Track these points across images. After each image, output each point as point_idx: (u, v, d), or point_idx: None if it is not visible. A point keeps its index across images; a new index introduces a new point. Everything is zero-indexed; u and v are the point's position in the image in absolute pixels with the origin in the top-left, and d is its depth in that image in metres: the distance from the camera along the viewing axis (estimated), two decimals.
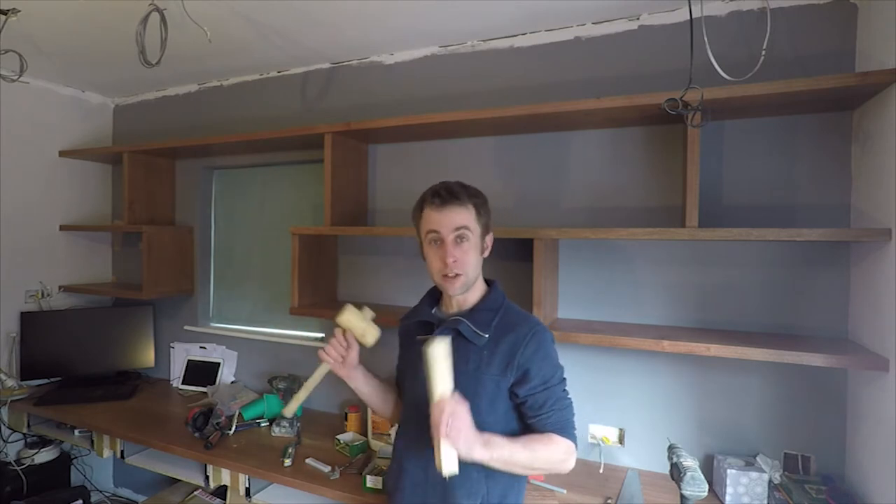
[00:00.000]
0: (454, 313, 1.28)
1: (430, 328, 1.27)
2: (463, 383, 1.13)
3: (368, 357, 1.35)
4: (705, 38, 1.19)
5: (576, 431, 1.23)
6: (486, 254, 1.28)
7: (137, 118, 2.95)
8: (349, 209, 2.14)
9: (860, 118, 1.52)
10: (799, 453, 1.61)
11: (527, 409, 1.20)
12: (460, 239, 1.20)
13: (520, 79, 1.99)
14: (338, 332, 1.27)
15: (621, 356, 1.82)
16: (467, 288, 1.25)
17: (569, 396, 1.25)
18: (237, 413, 2.14)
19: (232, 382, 2.57)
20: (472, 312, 1.25)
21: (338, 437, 1.98)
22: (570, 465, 1.19)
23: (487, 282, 1.34)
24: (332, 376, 1.31)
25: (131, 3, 1.73)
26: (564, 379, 1.26)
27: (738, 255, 1.67)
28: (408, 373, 1.34)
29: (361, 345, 1.29)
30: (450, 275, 1.20)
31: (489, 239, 1.29)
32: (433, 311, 1.34)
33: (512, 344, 1.20)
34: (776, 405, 1.64)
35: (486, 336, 1.21)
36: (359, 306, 1.30)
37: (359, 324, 1.27)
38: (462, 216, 1.20)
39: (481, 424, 1.10)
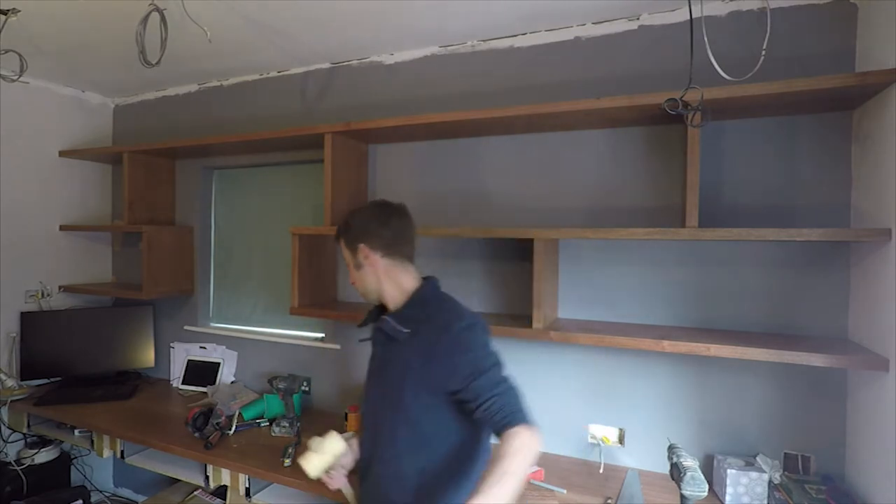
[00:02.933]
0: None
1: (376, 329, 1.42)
2: (397, 376, 1.28)
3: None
4: (705, 38, 1.19)
5: (525, 412, 1.15)
6: (369, 263, 1.35)
7: (137, 118, 2.95)
8: (349, 209, 2.13)
9: (860, 118, 1.52)
10: (799, 453, 1.61)
11: (466, 403, 1.18)
12: (348, 265, 1.41)
13: (520, 79, 1.99)
14: (324, 477, 1.41)
15: (621, 356, 1.82)
16: (375, 297, 1.39)
17: (508, 379, 1.19)
18: (237, 413, 2.14)
19: (232, 382, 2.57)
20: (397, 311, 1.35)
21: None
22: (538, 447, 1.11)
23: (426, 278, 1.39)
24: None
25: (131, 3, 1.73)
26: (499, 363, 1.21)
27: (738, 255, 1.67)
28: (368, 368, 1.46)
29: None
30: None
31: (360, 254, 1.35)
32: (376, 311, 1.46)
33: (430, 341, 1.24)
34: (776, 405, 1.64)
35: (407, 331, 1.28)
36: (320, 436, 1.39)
37: (326, 461, 1.37)
38: (343, 250, 1.41)
39: (414, 418, 1.24)
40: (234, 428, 2.08)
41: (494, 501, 1.00)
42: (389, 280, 1.35)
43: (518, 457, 1.06)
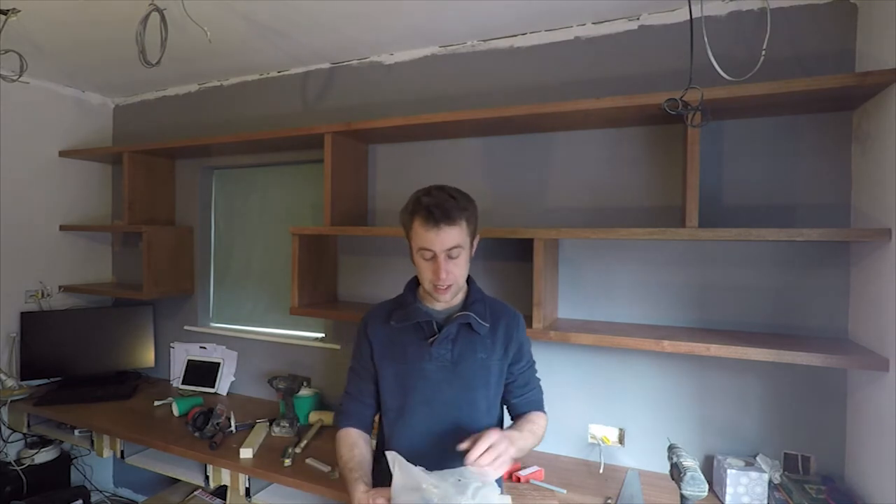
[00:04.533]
0: (447, 309, 1.34)
1: (431, 327, 1.31)
2: (474, 371, 1.29)
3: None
4: (705, 38, 1.19)
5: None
6: (473, 254, 1.31)
7: (137, 118, 2.95)
8: (349, 209, 2.14)
9: (860, 118, 1.52)
10: (799, 453, 1.61)
11: (514, 388, 1.37)
12: (452, 255, 1.22)
13: (520, 79, 1.99)
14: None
15: (621, 356, 1.82)
16: (456, 294, 1.31)
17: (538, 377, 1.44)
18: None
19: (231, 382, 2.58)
20: (468, 306, 1.32)
21: None
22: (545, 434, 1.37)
23: None
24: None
25: (131, 3, 1.73)
26: (535, 361, 1.44)
27: (737, 255, 1.67)
28: (411, 375, 1.31)
29: None
30: (441, 287, 1.24)
31: (476, 241, 1.32)
32: (419, 307, 1.34)
33: (506, 328, 1.34)
34: (776, 405, 1.64)
35: (488, 325, 1.31)
36: None
37: None
38: (454, 236, 1.20)
39: (490, 405, 1.32)
40: (234, 428, 2.08)
41: (521, 444, 1.22)
42: None
43: (541, 431, 1.33)
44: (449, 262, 1.22)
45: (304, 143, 2.25)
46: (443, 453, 1.23)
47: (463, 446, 1.12)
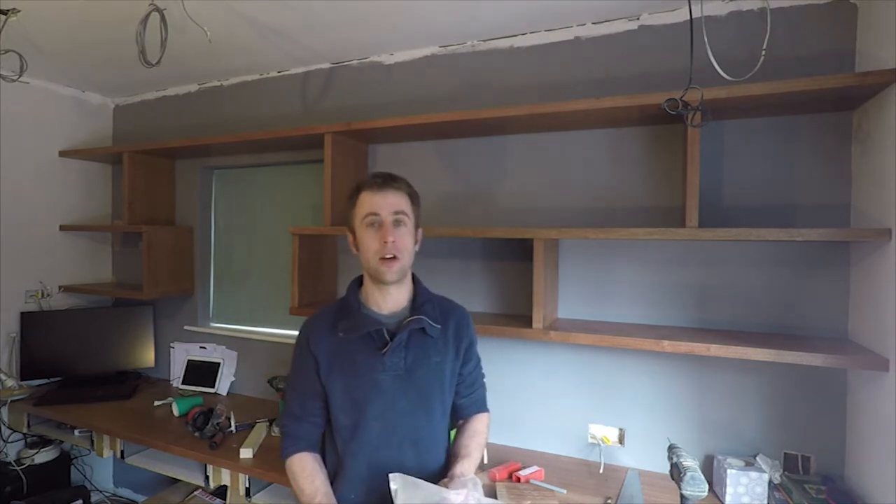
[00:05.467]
0: (395, 312, 1.29)
1: (382, 335, 1.24)
2: (430, 377, 1.27)
3: None
4: (705, 38, 1.19)
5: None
6: (418, 247, 1.30)
7: (137, 118, 2.95)
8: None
9: (860, 118, 1.52)
10: (799, 453, 1.61)
11: (462, 388, 1.37)
12: (398, 223, 1.22)
13: (520, 79, 1.99)
14: None
15: (621, 356, 1.82)
16: (403, 274, 1.26)
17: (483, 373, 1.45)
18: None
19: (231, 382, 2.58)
20: (418, 308, 1.28)
21: None
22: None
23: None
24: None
25: (131, 3, 1.73)
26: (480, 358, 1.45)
27: (738, 255, 1.67)
28: (362, 388, 1.24)
29: None
30: (387, 256, 1.20)
31: (420, 233, 1.31)
32: (366, 314, 1.28)
33: (456, 327, 1.33)
34: (776, 405, 1.64)
35: (439, 326, 1.29)
36: None
37: None
38: (400, 200, 1.23)
39: (444, 410, 1.32)
40: (234, 427, 2.08)
41: (475, 464, 1.28)
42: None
43: (485, 437, 1.37)
44: (395, 229, 1.21)
45: (304, 143, 2.25)
46: (401, 467, 1.18)
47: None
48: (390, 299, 1.28)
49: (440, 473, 1.28)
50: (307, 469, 1.25)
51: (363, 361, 1.24)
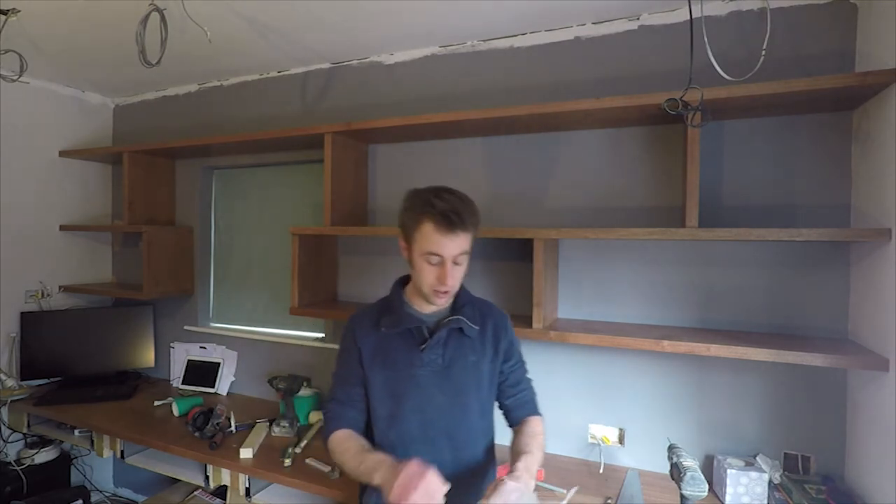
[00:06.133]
0: (436, 312, 1.32)
1: (422, 332, 1.28)
2: (466, 375, 1.28)
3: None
4: (705, 38, 1.19)
5: None
6: None
7: (137, 118, 2.95)
8: (349, 209, 2.14)
9: (860, 118, 1.52)
10: (799, 453, 1.61)
11: (506, 387, 1.36)
12: (458, 262, 1.21)
13: (520, 79, 1.99)
14: None
15: (621, 356, 1.82)
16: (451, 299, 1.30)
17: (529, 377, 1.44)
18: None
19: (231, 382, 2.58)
20: (458, 309, 1.31)
21: None
22: None
23: None
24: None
25: (131, 3, 1.73)
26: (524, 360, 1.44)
27: (738, 255, 1.67)
28: (402, 382, 1.27)
29: None
30: (441, 290, 1.21)
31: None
32: (408, 311, 1.31)
33: (494, 328, 1.35)
34: (776, 405, 1.64)
35: (478, 328, 1.31)
36: None
37: None
38: (465, 242, 1.20)
39: (483, 408, 1.32)
40: (234, 427, 2.08)
41: (536, 467, 1.20)
42: None
43: (543, 439, 1.30)
44: (454, 268, 1.20)
45: (304, 143, 2.25)
46: (437, 459, 1.18)
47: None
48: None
49: (477, 469, 1.32)
50: (342, 440, 1.26)
51: (402, 356, 1.28)
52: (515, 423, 1.37)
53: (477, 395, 1.31)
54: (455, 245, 1.18)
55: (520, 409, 1.37)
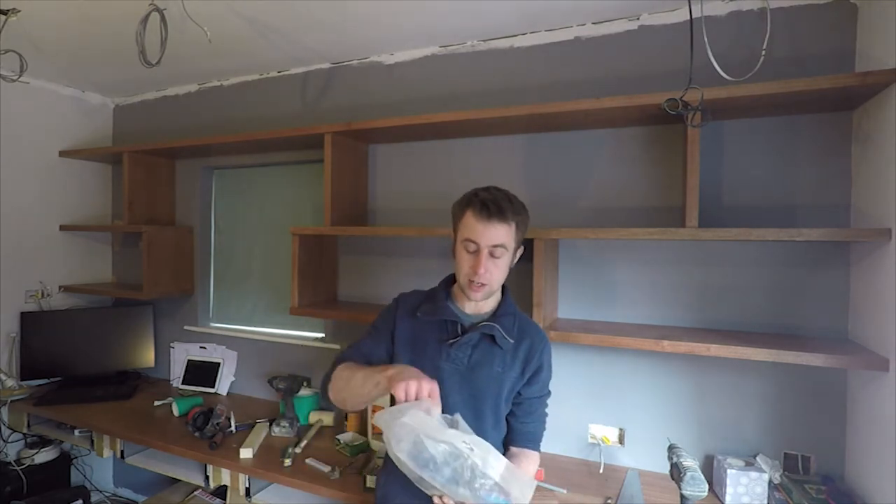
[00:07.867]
0: (476, 315, 1.31)
1: (455, 328, 1.29)
2: (488, 382, 1.26)
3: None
4: (705, 38, 1.19)
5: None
6: (513, 264, 1.29)
7: (137, 118, 2.95)
8: (349, 209, 2.14)
9: (860, 118, 1.52)
10: (799, 453, 1.61)
11: (518, 412, 1.32)
12: (494, 255, 1.21)
13: (520, 79, 1.99)
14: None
15: (621, 356, 1.82)
16: (488, 297, 1.28)
17: (547, 412, 1.38)
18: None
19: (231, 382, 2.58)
20: (497, 317, 1.29)
21: (338, 437, 1.99)
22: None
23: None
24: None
25: (131, 3, 1.73)
26: (550, 393, 1.37)
27: (738, 255, 1.67)
28: (425, 370, 1.23)
29: None
30: (476, 282, 1.21)
31: (519, 251, 1.29)
32: (448, 305, 1.32)
33: (529, 348, 1.30)
34: (776, 405, 1.64)
35: (512, 342, 1.28)
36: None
37: None
38: (502, 234, 1.19)
39: (497, 420, 1.29)
40: (234, 427, 2.08)
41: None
42: None
43: (533, 473, 1.29)
44: (490, 260, 1.20)
45: (304, 143, 2.25)
46: None
47: None
48: (474, 303, 1.31)
49: None
50: (343, 368, 1.26)
51: (432, 346, 1.29)
52: (509, 447, 1.34)
53: (493, 406, 1.28)
54: (491, 234, 1.18)
55: (520, 439, 1.33)
